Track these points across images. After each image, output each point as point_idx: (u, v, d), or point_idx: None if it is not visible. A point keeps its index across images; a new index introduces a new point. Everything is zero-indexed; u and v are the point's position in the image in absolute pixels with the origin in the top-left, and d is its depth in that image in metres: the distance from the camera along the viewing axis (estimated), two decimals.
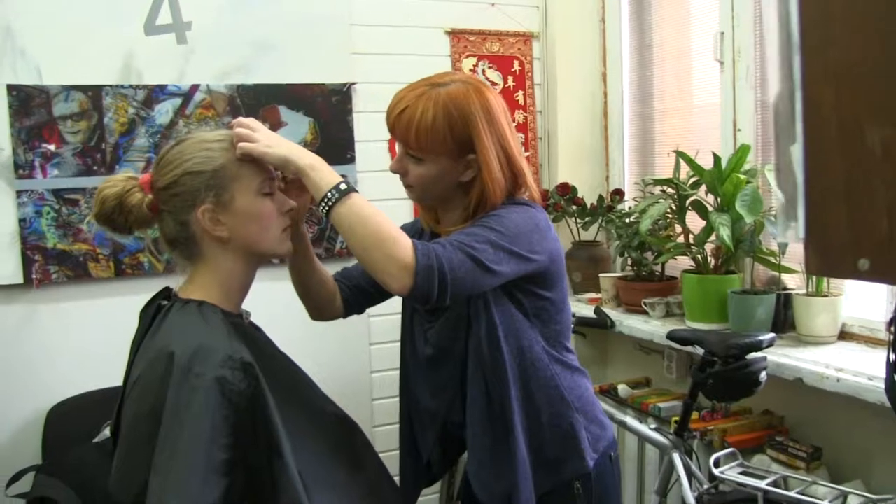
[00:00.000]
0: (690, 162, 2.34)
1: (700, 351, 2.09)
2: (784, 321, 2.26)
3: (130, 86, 2.62)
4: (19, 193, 2.52)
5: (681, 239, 2.54)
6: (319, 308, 1.76)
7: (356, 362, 2.94)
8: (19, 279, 2.53)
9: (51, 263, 2.56)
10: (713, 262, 2.42)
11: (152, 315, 1.42)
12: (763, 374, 1.94)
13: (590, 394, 1.69)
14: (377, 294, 1.79)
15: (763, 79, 2.45)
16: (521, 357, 1.58)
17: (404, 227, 1.84)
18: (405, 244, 1.39)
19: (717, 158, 2.32)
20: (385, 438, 2.90)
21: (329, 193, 1.40)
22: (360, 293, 1.79)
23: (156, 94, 2.65)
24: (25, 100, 2.51)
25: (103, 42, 2.59)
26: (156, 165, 1.44)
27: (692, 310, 2.44)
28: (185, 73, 2.69)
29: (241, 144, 1.40)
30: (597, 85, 3.19)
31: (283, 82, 2.79)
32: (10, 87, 2.50)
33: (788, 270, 2.26)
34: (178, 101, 2.67)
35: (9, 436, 2.56)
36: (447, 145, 1.53)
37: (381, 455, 1.58)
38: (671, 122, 2.95)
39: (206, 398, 1.24)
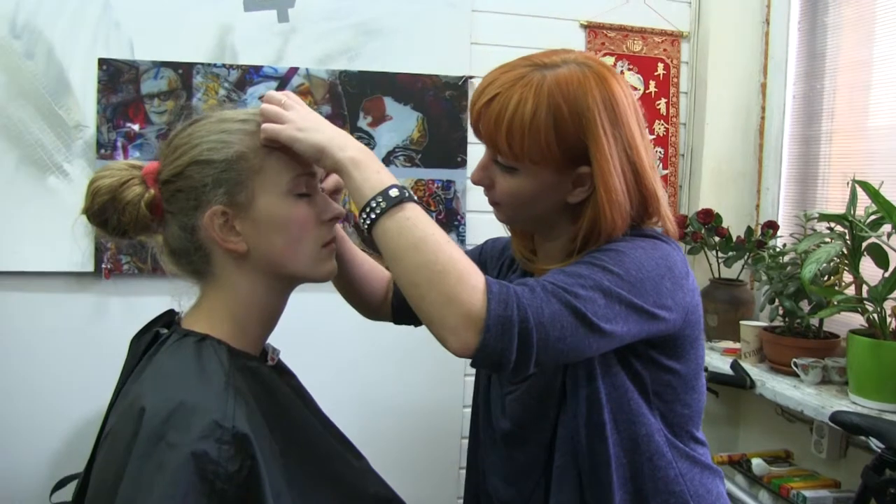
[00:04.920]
0: (875, 195, 1.87)
1: (878, 445, 1.63)
2: None
3: (224, 65, 2.37)
4: None
5: (850, 291, 2.07)
6: (365, 306, 1.43)
7: (446, 393, 2.58)
8: (90, 267, 2.35)
9: (123, 253, 2.35)
10: (893, 324, 1.94)
11: (145, 347, 1.09)
12: None
13: (718, 500, 1.23)
14: None
15: None
16: (635, 450, 1.14)
17: (482, 249, 1.43)
18: (474, 283, 0.98)
19: None
20: None
21: (373, 201, 1.02)
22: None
23: (250, 75, 2.39)
24: (115, 75, 2.33)
25: (200, 16, 2.37)
26: (163, 151, 1.10)
27: (860, 382, 1.96)
28: (284, 55, 2.42)
29: (264, 126, 1.06)
30: (753, 97, 2.73)
31: (392, 71, 2.47)
32: (102, 61, 2.33)
33: None
34: (273, 84, 2.40)
35: (64, 436, 2.38)
36: (550, 152, 1.10)
37: None
38: (842, 147, 2.46)
39: (175, 480, 0.89)
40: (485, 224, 2.41)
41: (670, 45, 2.70)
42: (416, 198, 1.04)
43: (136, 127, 2.35)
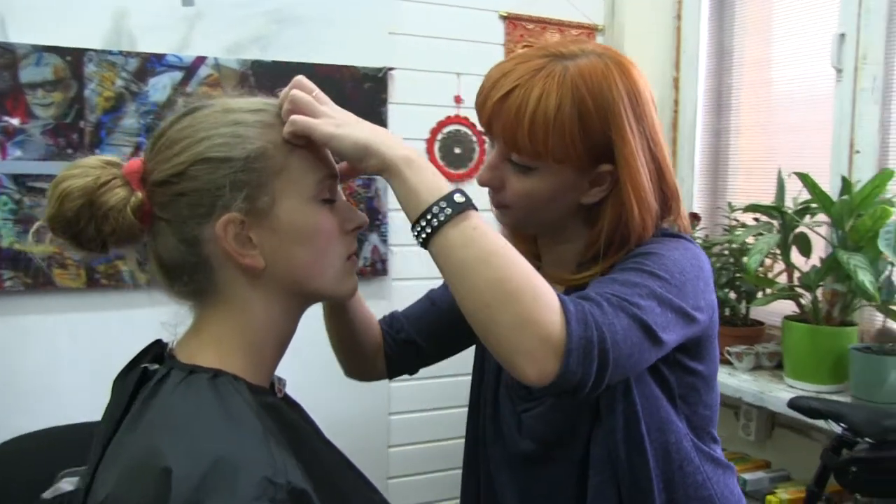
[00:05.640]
0: (813, 186, 1.92)
1: (835, 427, 1.66)
2: None
3: (120, 52, 2.13)
4: None
5: (782, 278, 2.13)
6: (356, 364, 1.30)
7: (370, 403, 2.45)
8: None
9: (5, 268, 2.05)
10: (826, 309, 2.01)
11: (133, 388, 0.89)
12: None
13: (740, 500, 1.20)
14: (435, 352, 1.31)
15: (890, 91, 2.05)
16: (667, 459, 1.09)
17: None
18: (549, 301, 0.87)
19: (846, 184, 1.92)
20: (400, 490, 2.48)
21: (435, 207, 0.89)
22: (409, 350, 1.30)
23: (151, 64, 2.16)
24: None
25: None
26: (152, 147, 0.92)
27: (796, 366, 2.02)
28: (190, 42, 2.20)
29: (294, 118, 0.90)
30: (667, 91, 2.76)
31: (307, 61, 2.30)
32: None
33: None
34: (178, 74, 2.18)
35: None
36: (574, 149, 1.02)
37: None
38: (747, 141, 2.54)
39: None
40: (408, 223, 2.30)
41: (586, 39, 2.69)
42: (476, 206, 0.91)
43: (15, 121, 2.06)
